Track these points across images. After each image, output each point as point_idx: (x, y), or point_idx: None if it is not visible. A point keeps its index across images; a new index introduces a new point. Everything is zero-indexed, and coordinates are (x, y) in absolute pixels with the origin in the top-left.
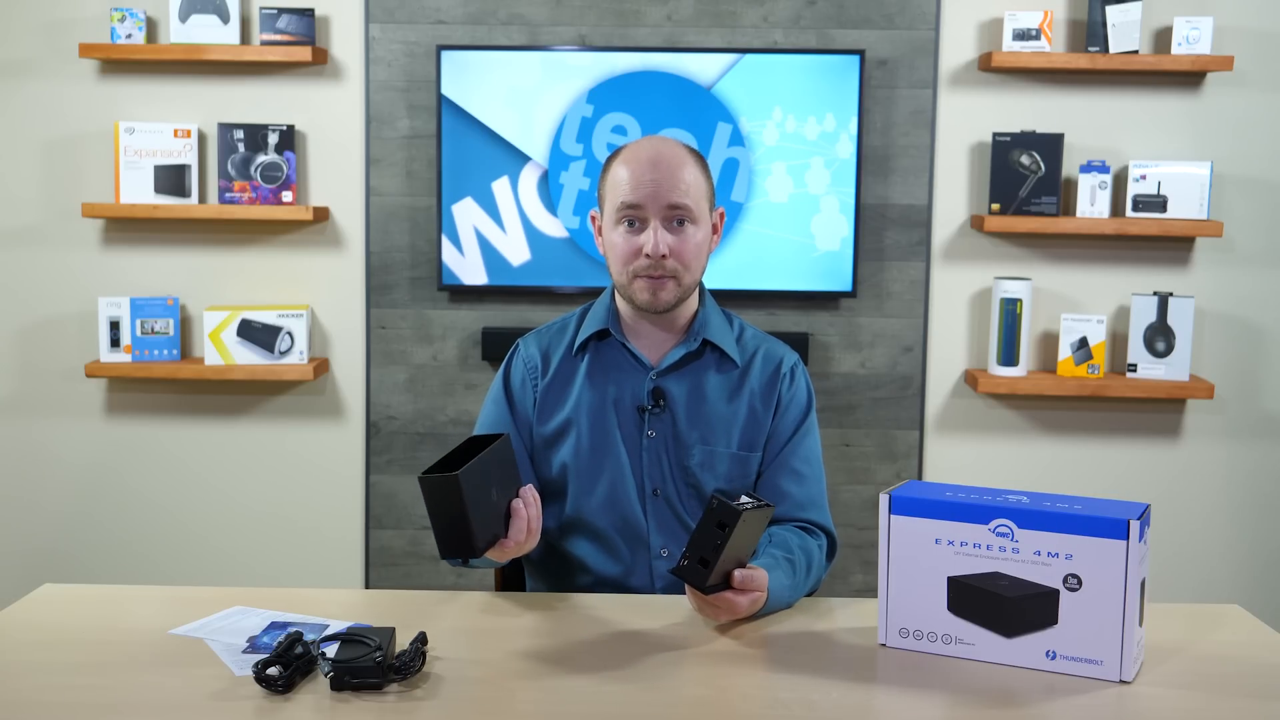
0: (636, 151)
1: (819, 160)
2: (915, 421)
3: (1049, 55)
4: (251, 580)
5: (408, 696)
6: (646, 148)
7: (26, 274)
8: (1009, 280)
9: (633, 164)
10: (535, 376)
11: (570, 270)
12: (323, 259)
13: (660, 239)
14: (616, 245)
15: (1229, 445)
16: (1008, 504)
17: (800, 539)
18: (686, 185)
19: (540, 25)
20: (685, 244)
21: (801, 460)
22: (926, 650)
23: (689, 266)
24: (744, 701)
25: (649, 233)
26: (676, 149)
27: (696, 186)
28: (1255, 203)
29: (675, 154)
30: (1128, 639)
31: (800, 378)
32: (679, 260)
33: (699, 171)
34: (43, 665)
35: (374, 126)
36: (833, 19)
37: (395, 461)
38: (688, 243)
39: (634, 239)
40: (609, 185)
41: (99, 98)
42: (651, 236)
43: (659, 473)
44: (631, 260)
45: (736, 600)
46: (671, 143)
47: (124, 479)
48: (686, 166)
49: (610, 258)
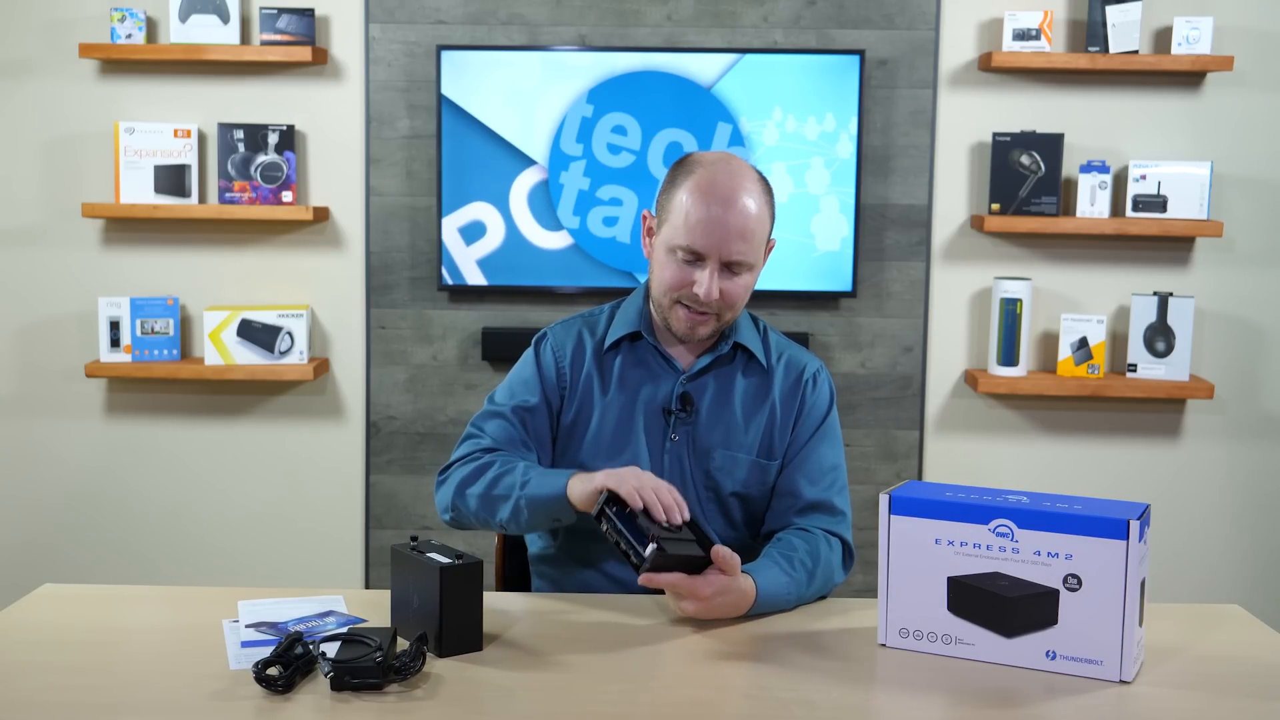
0: (711, 185)
1: (819, 160)
2: (915, 421)
3: (1049, 55)
4: (251, 580)
5: (408, 696)
6: (723, 184)
7: (26, 274)
8: (1009, 280)
9: (704, 201)
10: (566, 365)
11: (570, 270)
12: (323, 259)
13: (714, 285)
14: (666, 270)
15: (1229, 445)
16: (1008, 504)
17: (808, 541)
18: (752, 234)
19: (540, 25)
20: (736, 288)
21: (816, 464)
22: (926, 650)
23: (734, 307)
24: (744, 701)
25: (704, 274)
26: (749, 188)
27: (759, 231)
28: (1255, 203)
29: (749, 196)
30: (1128, 639)
31: (824, 384)
32: (727, 302)
33: (765, 212)
34: (43, 665)
35: (374, 126)
36: (833, 19)
37: (395, 461)
38: (739, 287)
39: (687, 272)
40: (674, 208)
41: (99, 98)
42: (706, 281)
43: (679, 475)
44: (678, 289)
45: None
46: (747, 179)
47: (124, 479)
48: (754, 210)
49: (655, 274)
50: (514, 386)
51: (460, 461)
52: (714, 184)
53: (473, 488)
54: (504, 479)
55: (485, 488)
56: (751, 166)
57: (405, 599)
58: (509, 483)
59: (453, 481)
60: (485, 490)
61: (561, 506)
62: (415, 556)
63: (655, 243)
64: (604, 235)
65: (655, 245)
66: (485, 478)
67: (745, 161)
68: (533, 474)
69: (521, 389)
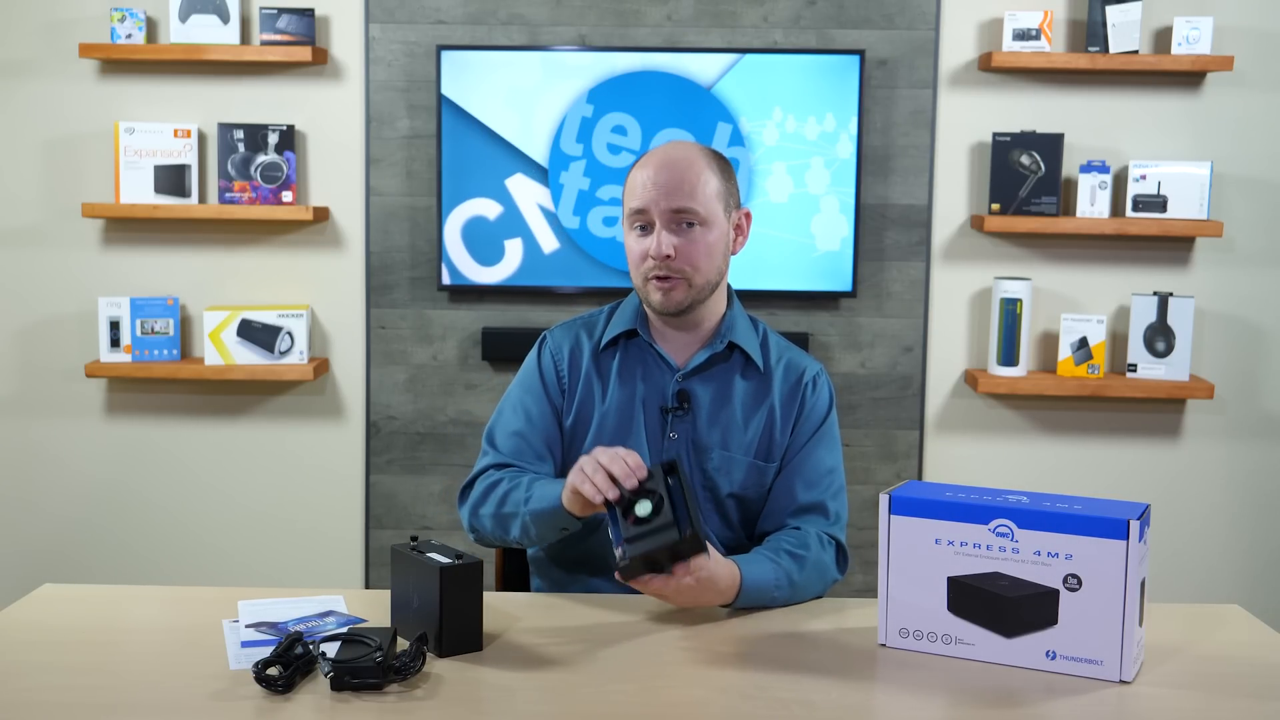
0: (650, 157)
1: (819, 160)
2: (915, 421)
3: (1049, 55)
4: (251, 580)
5: (408, 696)
6: (659, 153)
7: (26, 274)
8: (1009, 280)
9: (644, 169)
10: (564, 368)
11: (570, 270)
12: (323, 259)
13: (664, 241)
14: (630, 249)
15: (1229, 445)
16: (1008, 504)
17: (798, 536)
18: (692, 187)
19: (540, 25)
20: (693, 246)
21: (813, 466)
22: (926, 650)
23: (698, 268)
24: (744, 701)
25: (654, 235)
26: (688, 151)
27: (706, 188)
28: (1255, 203)
29: (685, 156)
30: (1128, 639)
31: (823, 387)
32: (687, 262)
33: (712, 173)
34: (43, 665)
35: (374, 126)
36: (833, 19)
37: (395, 461)
38: (695, 244)
39: (643, 242)
40: (625, 191)
41: (99, 98)
42: (655, 240)
43: None
44: (642, 263)
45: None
46: (685, 146)
47: (124, 479)
48: (695, 168)
49: (628, 262)
50: (518, 394)
51: (475, 480)
52: (653, 153)
53: (484, 508)
54: (511, 496)
55: (495, 507)
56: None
57: (405, 599)
58: (515, 500)
59: (468, 504)
60: (496, 510)
61: (562, 516)
62: (415, 556)
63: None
64: (604, 235)
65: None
66: (494, 497)
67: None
68: (535, 488)
69: (526, 396)
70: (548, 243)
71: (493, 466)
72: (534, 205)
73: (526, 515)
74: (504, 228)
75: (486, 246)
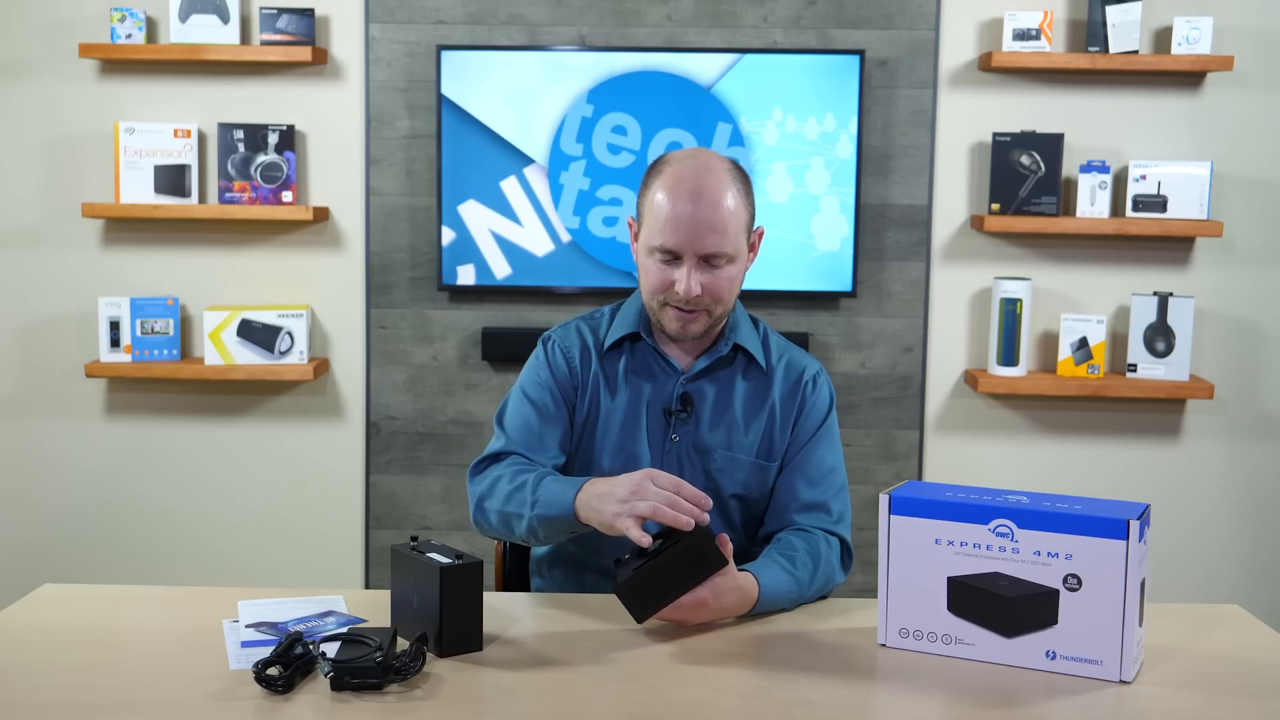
0: (679, 179)
1: (819, 160)
2: (915, 421)
3: (1049, 55)
4: (251, 580)
5: (408, 696)
6: (689, 178)
7: (26, 274)
8: (1009, 280)
9: (673, 195)
10: (575, 365)
11: (570, 270)
12: (323, 259)
13: (693, 281)
14: (649, 273)
15: (1229, 445)
16: (1008, 504)
17: (808, 541)
18: (724, 224)
19: (540, 25)
20: (719, 281)
21: (815, 465)
22: (926, 650)
23: (720, 300)
24: (744, 701)
25: (683, 272)
26: (720, 181)
27: (736, 222)
28: (1255, 203)
29: (717, 187)
30: (1128, 639)
31: (823, 386)
32: (712, 296)
33: (740, 201)
34: (43, 665)
35: (374, 126)
36: (833, 19)
37: (395, 461)
38: (721, 280)
39: (667, 272)
40: (648, 207)
41: (99, 98)
42: (684, 279)
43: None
44: (662, 291)
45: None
46: (715, 171)
47: (124, 479)
48: (726, 201)
49: (641, 279)
50: (529, 384)
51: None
52: (681, 180)
53: (490, 502)
54: (516, 495)
55: (501, 503)
56: (723, 157)
57: (405, 599)
58: (521, 499)
59: (476, 494)
60: (501, 507)
61: (572, 524)
62: (415, 556)
63: (638, 247)
64: (604, 235)
65: (638, 250)
66: (499, 492)
67: (716, 153)
68: (542, 490)
69: (537, 389)
70: (548, 243)
71: (503, 453)
72: (534, 206)
73: (534, 519)
74: (503, 228)
75: (486, 246)
